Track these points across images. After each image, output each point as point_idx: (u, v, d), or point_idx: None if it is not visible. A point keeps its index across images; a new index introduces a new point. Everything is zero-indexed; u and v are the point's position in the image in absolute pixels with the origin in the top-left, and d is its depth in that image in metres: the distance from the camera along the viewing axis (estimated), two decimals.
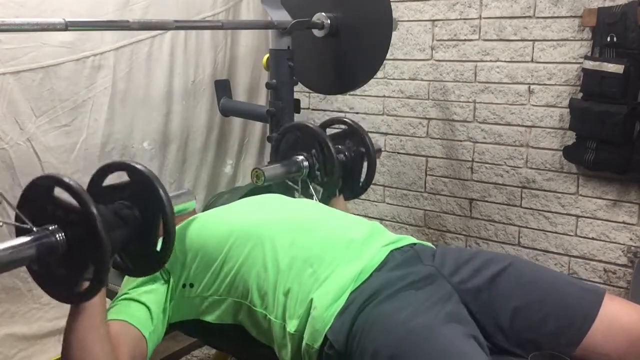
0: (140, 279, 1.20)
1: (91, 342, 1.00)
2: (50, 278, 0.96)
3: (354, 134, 1.68)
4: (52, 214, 0.92)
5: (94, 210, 0.89)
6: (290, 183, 1.62)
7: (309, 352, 1.09)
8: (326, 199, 1.59)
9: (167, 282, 1.22)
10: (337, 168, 1.55)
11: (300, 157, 1.59)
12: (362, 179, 1.72)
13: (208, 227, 1.27)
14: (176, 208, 1.15)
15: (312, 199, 1.59)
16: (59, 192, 0.94)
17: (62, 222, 0.92)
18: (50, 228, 0.91)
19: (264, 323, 1.17)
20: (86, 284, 0.93)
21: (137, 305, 1.15)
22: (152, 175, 1.01)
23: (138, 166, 1.01)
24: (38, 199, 0.94)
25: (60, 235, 0.91)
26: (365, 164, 1.70)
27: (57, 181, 0.93)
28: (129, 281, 1.22)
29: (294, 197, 1.58)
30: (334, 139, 1.70)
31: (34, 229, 0.91)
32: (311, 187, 1.59)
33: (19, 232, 0.94)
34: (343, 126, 1.72)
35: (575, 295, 1.12)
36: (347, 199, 1.74)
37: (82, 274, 0.92)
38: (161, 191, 1.00)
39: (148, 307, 1.16)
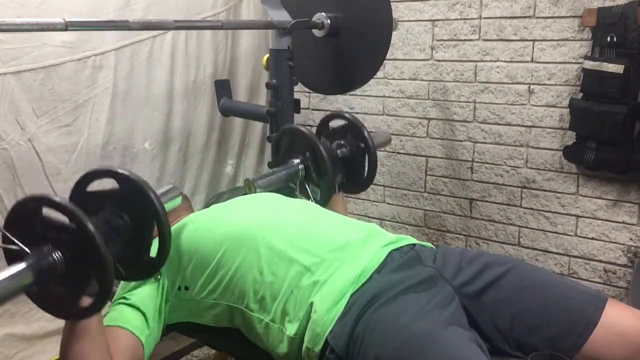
0: (134, 283, 1.19)
1: (88, 354, 0.99)
2: (49, 298, 0.93)
3: (354, 129, 1.67)
4: (43, 234, 0.89)
5: (91, 227, 0.86)
6: (292, 184, 1.62)
7: (310, 355, 1.08)
8: (324, 199, 1.59)
9: (161, 284, 1.21)
10: (329, 170, 1.54)
11: (296, 161, 1.58)
12: (365, 173, 1.70)
13: (202, 229, 1.26)
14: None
15: (310, 200, 1.59)
16: (47, 212, 0.90)
17: (56, 241, 0.88)
18: (44, 249, 0.87)
19: (259, 327, 1.16)
20: (88, 300, 0.91)
21: (132, 310, 1.15)
22: (142, 181, 0.98)
23: (126, 173, 0.98)
24: (26, 220, 0.90)
25: (57, 254, 0.88)
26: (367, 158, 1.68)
27: (45, 201, 0.89)
28: (123, 285, 1.21)
29: (294, 196, 1.58)
30: (335, 134, 1.69)
31: (28, 251, 0.87)
32: (308, 189, 1.59)
33: (10, 256, 0.89)
34: (343, 121, 1.71)
35: (576, 300, 1.12)
36: (353, 193, 1.75)
37: (83, 290, 0.90)
38: (153, 197, 0.97)
39: (143, 312, 1.16)
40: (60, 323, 2.22)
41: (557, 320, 1.09)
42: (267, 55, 1.99)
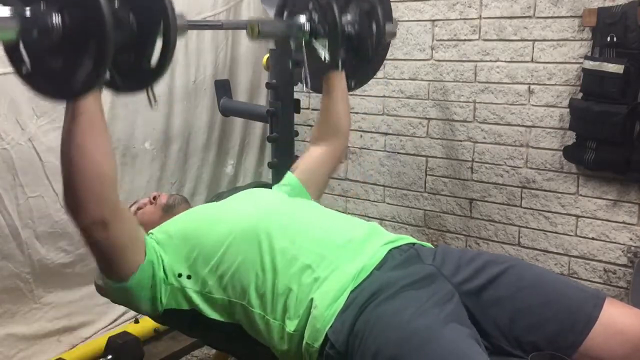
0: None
1: (92, 148, 0.97)
2: (42, 73, 0.84)
3: (365, 2, 1.51)
4: None
5: None
6: (295, 50, 1.51)
7: (310, 351, 1.09)
8: (330, 67, 1.49)
9: (163, 259, 1.22)
10: (340, 25, 1.40)
11: (303, 17, 1.45)
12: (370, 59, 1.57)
13: (206, 223, 1.27)
14: None
15: (321, 58, 1.46)
16: None
17: (56, 4, 0.80)
18: (43, 5, 0.79)
19: (261, 324, 1.17)
20: (82, 76, 0.83)
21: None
22: None
23: None
24: None
25: (55, 16, 0.79)
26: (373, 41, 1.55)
27: None
28: None
29: (300, 66, 1.49)
30: (343, 4, 1.52)
31: (23, 5, 0.78)
32: (319, 49, 1.44)
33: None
34: None
35: (575, 298, 1.12)
36: (355, 77, 1.63)
37: (79, 62, 0.82)
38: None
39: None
40: (60, 323, 2.23)
41: (556, 319, 1.09)
42: (267, 55, 1.99)
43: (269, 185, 1.65)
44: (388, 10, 1.60)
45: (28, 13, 0.79)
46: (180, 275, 1.22)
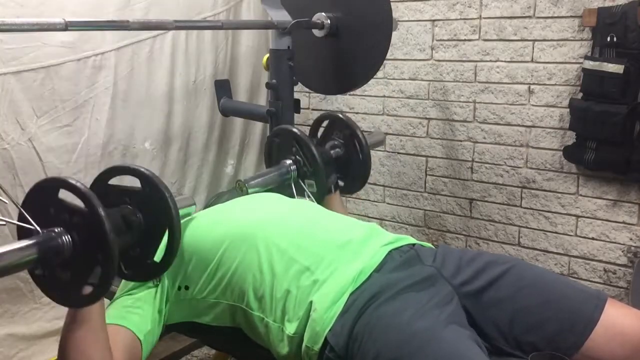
0: (134, 283, 1.20)
1: (90, 347, 0.99)
2: (53, 282, 0.94)
3: (346, 129, 1.67)
4: (56, 216, 0.91)
5: (102, 213, 0.88)
6: (286, 186, 1.61)
7: (309, 354, 1.08)
8: (320, 196, 1.58)
9: (162, 286, 1.21)
10: (320, 166, 1.54)
11: (288, 161, 1.59)
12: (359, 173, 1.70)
13: (202, 228, 1.26)
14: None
15: (308, 198, 1.59)
16: (63, 195, 0.93)
17: (68, 224, 0.91)
18: (55, 230, 0.90)
19: (260, 326, 1.16)
20: (89, 288, 0.92)
21: (132, 308, 1.15)
22: (164, 185, 1.01)
23: (150, 174, 1.02)
24: (42, 201, 0.93)
25: (66, 237, 0.90)
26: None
27: (63, 183, 0.92)
28: (123, 285, 1.22)
29: (293, 196, 1.58)
30: (327, 135, 1.70)
31: (39, 230, 0.90)
32: (305, 188, 1.59)
33: (22, 234, 0.92)
34: (335, 121, 1.71)
35: (576, 299, 1.12)
36: (349, 193, 1.75)
37: (87, 277, 0.91)
38: (171, 202, 1.00)
39: (144, 310, 1.16)
40: (60, 323, 2.22)
41: (557, 319, 1.09)
42: (267, 55, 1.99)
43: None
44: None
45: (45, 237, 0.89)
46: (179, 288, 1.22)
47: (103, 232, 0.88)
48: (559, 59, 2.06)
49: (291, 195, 1.57)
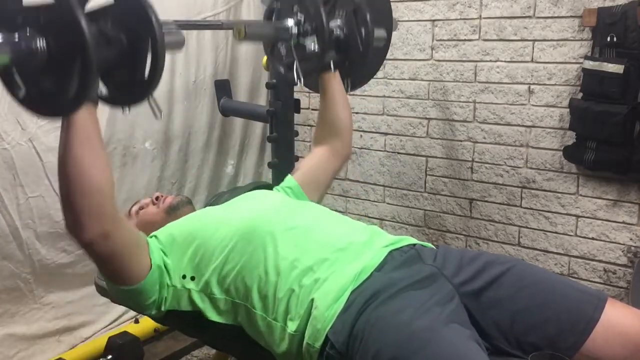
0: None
1: (88, 163, 0.98)
2: (37, 95, 0.89)
3: (349, 3, 1.54)
4: (24, 22, 0.85)
5: (74, 3, 0.81)
6: (286, 54, 1.52)
7: (310, 351, 1.09)
8: (320, 68, 1.51)
9: (167, 264, 1.22)
10: (324, 18, 1.43)
11: (289, 21, 1.47)
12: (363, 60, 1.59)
13: (209, 227, 1.27)
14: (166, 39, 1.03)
15: (313, 58, 1.48)
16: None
17: (38, 26, 0.84)
18: (26, 33, 0.83)
19: (262, 325, 1.17)
20: (73, 91, 0.87)
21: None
22: None
23: None
24: (8, 11, 0.86)
25: (39, 40, 0.83)
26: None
27: None
28: None
29: (291, 70, 1.51)
30: (330, 12, 1.56)
31: (9, 34, 0.83)
32: (308, 44, 1.45)
33: None
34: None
35: (577, 299, 1.12)
36: (348, 75, 1.65)
37: (69, 79, 0.86)
38: (151, 14, 0.93)
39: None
40: (60, 323, 2.23)
41: (557, 319, 1.09)
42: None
43: (269, 186, 1.65)
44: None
45: (16, 38, 0.84)
46: (184, 276, 1.23)
47: (74, 19, 0.81)
48: (559, 59, 2.06)
49: (290, 64, 1.49)
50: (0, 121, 1.84)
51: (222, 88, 2.28)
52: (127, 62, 0.96)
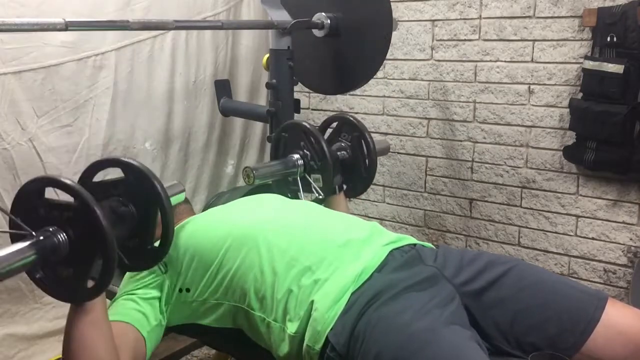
0: (138, 281, 1.19)
1: (94, 340, 0.99)
2: (54, 281, 0.94)
3: (355, 131, 1.68)
4: (46, 216, 0.90)
5: (93, 202, 0.87)
6: (292, 182, 1.62)
7: (310, 353, 1.08)
8: (326, 192, 1.58)
9: (164, 284, 1.21)
10: (329, 157, 1.54)
11: (296, 156, 1.58)
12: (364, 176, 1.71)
13: (203, 230, 1.26)
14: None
15: (315, 195, 1.58)
16: (48, 193, 0.92)
17: (60, 222, 0.90)
18: (49, 229, 0.89)
19: (261, 326, 1.16)
20: (92, 282, 0.92)
21: (135, 305, 1.16)
22: (148, 170, 1.00)
23: (132, 162, 1.00)
24: (31, 204, 0.91)
25: (61, 235, 0.89)
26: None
27: (48, 181, 0.91)
28: (127, 282, 1.22)
29: (297, 197, 1.58)
30: (334, 136, 1.70)
31: (31, 231, 0.89)
32: (312, 182, 1.58)
33: (16, 239, 0.91)
34: (344, 123, 1.71)
35: (577, 299, 1.12)
36: (352, 196, 1.76)
37: (88, 271, 0.91)
38: (158, 186, 0.99)
39: (145, 309, 1.16)
40: (60, 323, 2.22)
41: (558, 320, 1.09)
42: (267, 55, 1.99)
43: (269, 186, 1.65)
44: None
45: (40, 238, 0.88)
46: (180, 290, 1.22)
47: (97, 222, 0.87)
48: (559, 59, 2.06)
49: (296, 192, 1.56)
50: (0, 121, 1.84)
51: (222, 88, 2.28)
52: (138, 232, 1.02)
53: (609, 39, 1.88)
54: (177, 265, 1.22)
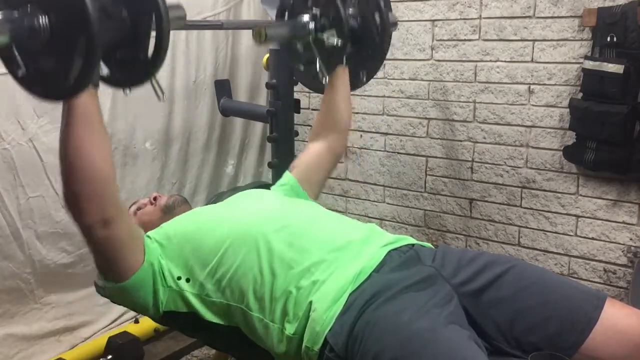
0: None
1: (89, 148, 0.97)
2: (36, 76, 0.86)
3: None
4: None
5: None
6: (304, 53, 1.49)
7: (309, 354, 1.09)
8: (332, 65, 1.49)
9: (161, 260, 1.22)
10: (344, 18, 1.40)
11: (306, 17, 1.43)
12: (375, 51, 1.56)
13: (204, 227, 1.27)
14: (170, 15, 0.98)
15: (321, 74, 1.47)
16: None
17: (40, 4, 0.81)
18: (28, 9, 0.80)
19: (259, 327, 1.16)
20: (75, 75, 0.85)
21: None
22: None
23: None
24: None
25: (42, 17, 0.81)
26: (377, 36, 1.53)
27: None
28: None
29: (312, 70, 1.47)
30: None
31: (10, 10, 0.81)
32: (318, 60, 1.43)
33: None
34: None
35: (576, 299, 1.12)
36: (366, 80, 1.63)
37: (70, 63, 0.83)
38: None
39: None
40: (60, 323, 2.23)
41: (557, 319, 1.09)
42: (267, 55, 1.99)
43: (269, 186, 1.65)
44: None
45: (16, 16, 0.81)
46: (179, 278, 1.22)
47: (82, 5, 0.79)
48: (559, 59, 2.06)
49: (310, 63, 1.45)
50: (0, 121, 1.84)
51: (222, 88, 2.28)
52: (130, 40, 0.93)
53: (609, 39, 1.88)
54: (178, 253, 1.22)
